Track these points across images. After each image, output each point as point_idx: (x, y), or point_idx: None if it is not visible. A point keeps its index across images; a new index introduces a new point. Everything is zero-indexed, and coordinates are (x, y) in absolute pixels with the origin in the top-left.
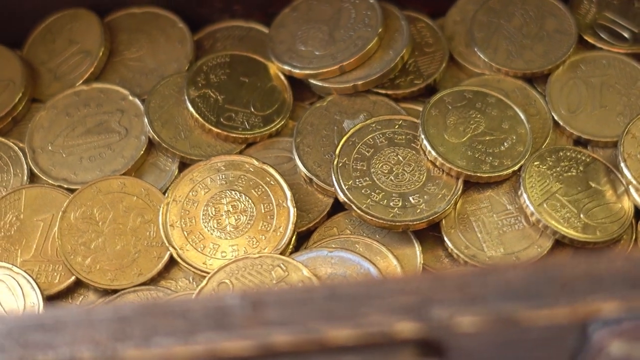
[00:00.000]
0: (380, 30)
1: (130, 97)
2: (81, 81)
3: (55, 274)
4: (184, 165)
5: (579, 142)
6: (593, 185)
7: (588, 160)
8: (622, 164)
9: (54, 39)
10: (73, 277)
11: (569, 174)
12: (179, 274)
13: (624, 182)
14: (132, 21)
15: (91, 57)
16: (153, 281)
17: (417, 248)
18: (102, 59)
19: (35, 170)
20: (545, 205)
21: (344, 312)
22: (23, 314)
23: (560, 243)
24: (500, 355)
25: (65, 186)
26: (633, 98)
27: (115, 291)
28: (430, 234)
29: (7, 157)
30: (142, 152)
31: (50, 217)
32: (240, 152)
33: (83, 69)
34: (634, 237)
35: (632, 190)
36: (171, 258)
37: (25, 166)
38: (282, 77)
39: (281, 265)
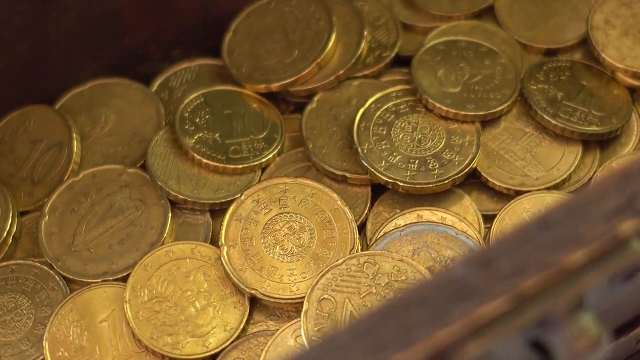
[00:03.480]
0: (334, 19)
1: (128, 170)
2: (67, 174)
3: None
4: (213, 212)
5: (549, 53)
6: (585, 83)
7: (568, 64)
8: (603, 55)
9: (10, 147)
10: None
11: (561, 81)
12: (262, 315)
13: (608, 71)
14: (83, 100)
15: (68, 147)
16: (244, 331)
17: (467, 198)
18: (78, 145)
19: (71, 277)
20: (560, 114)
21: (569, 236)
22: None
23: (587, 143)
24: None
25: (111, 278)
26: (574, 1)
27: (213, 357)
28: (467, 183)
29: (33, 276)
30: (169, 215)
31: (111, 313)
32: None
33: (63, 162)
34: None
35: (618, 74)
36: (251, 302)
37: (57, 277)
38: (258, 97)
39: (369, 260)
